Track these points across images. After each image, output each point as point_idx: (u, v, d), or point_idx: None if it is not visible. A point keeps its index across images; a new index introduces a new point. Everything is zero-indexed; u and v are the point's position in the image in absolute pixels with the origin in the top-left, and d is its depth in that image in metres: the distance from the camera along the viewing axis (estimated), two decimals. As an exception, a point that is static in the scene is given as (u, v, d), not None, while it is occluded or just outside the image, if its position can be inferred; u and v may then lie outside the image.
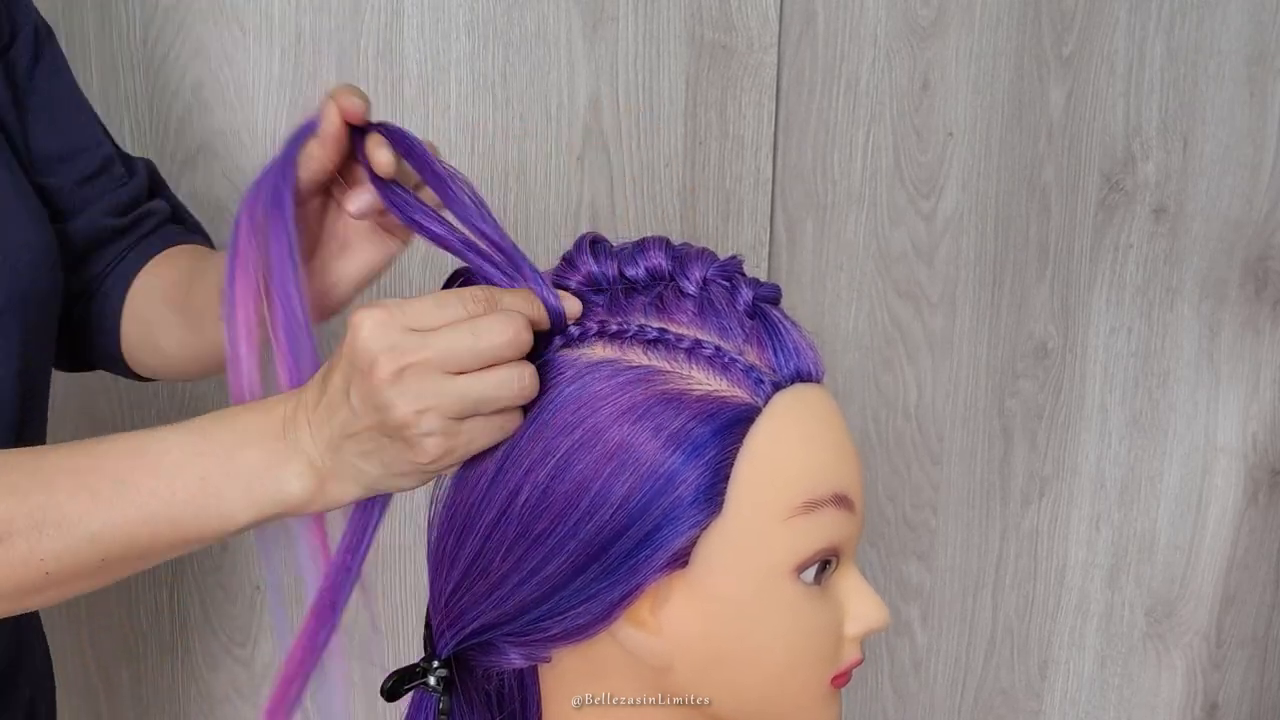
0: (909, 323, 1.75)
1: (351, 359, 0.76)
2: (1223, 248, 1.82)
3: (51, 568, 0.81)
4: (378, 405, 0.76)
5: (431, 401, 0.76)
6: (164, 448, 0.81)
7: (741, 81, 1.61)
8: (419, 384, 0.75)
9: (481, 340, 0.76)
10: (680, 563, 0.77)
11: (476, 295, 0.77)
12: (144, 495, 0.80)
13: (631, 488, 0.76)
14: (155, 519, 0.81)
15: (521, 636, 0.81)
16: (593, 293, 0.82)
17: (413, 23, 1.51)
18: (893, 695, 1.88)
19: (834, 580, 0.82)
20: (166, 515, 0.81)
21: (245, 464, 0.80)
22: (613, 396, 0.77)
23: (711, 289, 0.81)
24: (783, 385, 0.79)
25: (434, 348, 0.75)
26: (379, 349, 0.75)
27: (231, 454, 0.80)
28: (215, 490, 0.80)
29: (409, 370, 0.75)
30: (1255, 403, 1.88)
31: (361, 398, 0.76)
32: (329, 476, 0.80)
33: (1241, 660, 1.98)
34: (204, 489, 0.80)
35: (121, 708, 1.62)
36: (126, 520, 0.81)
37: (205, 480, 0.80)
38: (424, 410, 0.76)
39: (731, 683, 0.80)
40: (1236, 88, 1.78)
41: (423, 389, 0.75)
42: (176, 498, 0.80)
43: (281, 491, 0.80)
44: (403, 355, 0.75)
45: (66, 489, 0.81)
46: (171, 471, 0.80)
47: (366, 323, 0.76)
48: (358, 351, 0.76)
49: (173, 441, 0.81)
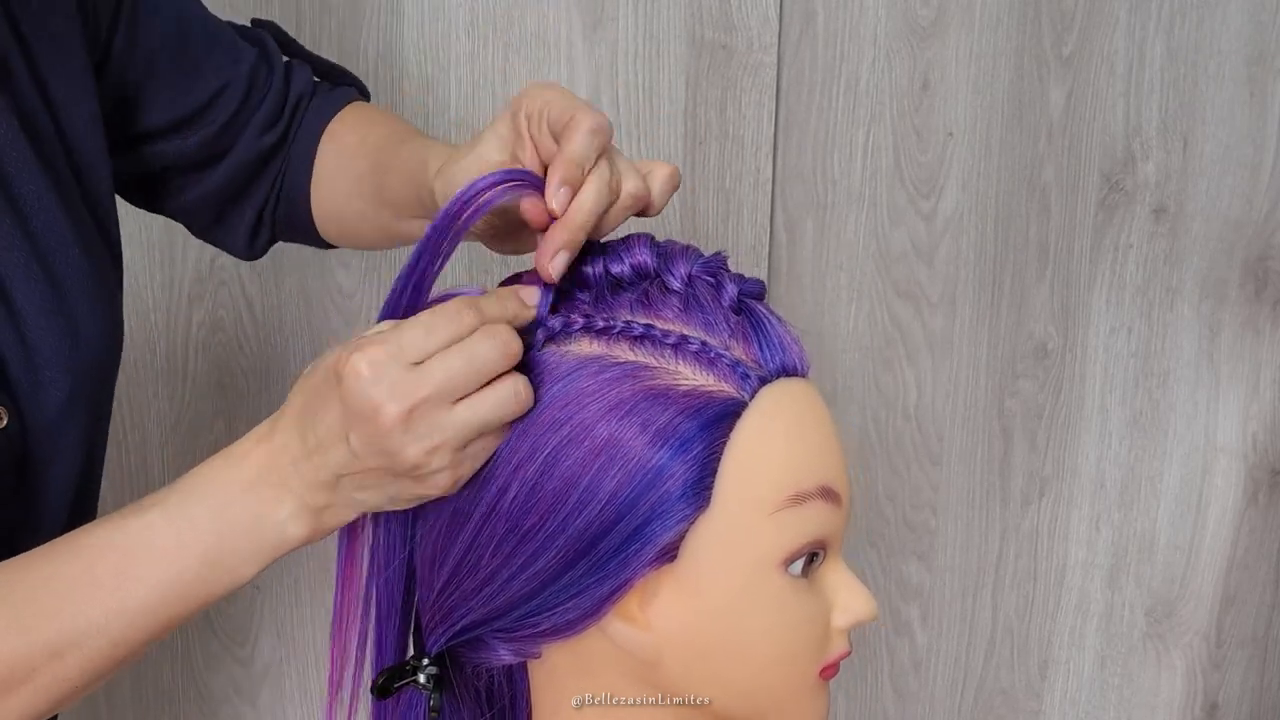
0: (909, 323, 1.75)
1: (350, 404, 0.75)
2: (1223, 248, 1.82)
3: (78, 681, 0.81)
4: (386, 450, 0.76)
5: (439, 438, 0.76)
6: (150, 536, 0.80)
7: (741, 81, 1.61)
8: (427, 423, 0.75)
9: (476, 362, 0.76)
10: (668, 557, 0.78)
11: (462, 311, 0.77)
12: (151, 592, 0.80)
13: (619, 483, 0.76)
14: (166, 604, 0.80)
15: (511, 633, 0.82)
16: (579, 289, 0.83)
17: (413, 23, 1.51)
18: (893, 695, 1.88)
19: (821, 573, 0.82)
20: (177, 599, 0.80)
21: (239, 530, 0.79)
22: (600, 392, 0.77)
23: (696, 285, 0.81)
24: (769, 380, 0.79)
25: (434, 381, 0.75)
26: (381, 395, 0.74)
27: (221, 528, 0.79)
28: (218, 561, 0.80)
29: (416, 411, 0.75)
30: (1255, 403, 1.88)
31: (366, 442, 0.76)
32: (323, 511, 0.80)
33: (1241, 660, 1.97)
34: (207, 565, 0.80)
35: (121, 708, 1.62)
36: (139, 617, 0.80)
37: (205, 558, 0.79)
38: (434, 449, 0.76)
39: (720, 676, 0.80)
40: (1236, 88, 1.77)
41: (430, 427, 0.75)
42: (183, 580, 0.80)
43: (281, 538, 0.80)
44: (406, 396, 0.74)
45: (71, 608, 0.79)
46: (169, 562, 0.79)
47: (363, 368, 0.75)
48: (358, 398, 0.75)
49: (159, 528, 0.80)
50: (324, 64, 1.17)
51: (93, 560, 0.80)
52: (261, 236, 1.16)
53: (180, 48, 1.07)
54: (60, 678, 0.80)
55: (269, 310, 1.55)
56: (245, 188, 1.13)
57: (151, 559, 0.79)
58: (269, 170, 1.13)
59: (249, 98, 1.10)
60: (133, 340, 1.53)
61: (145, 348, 1.54)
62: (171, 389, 1.55)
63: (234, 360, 1.57)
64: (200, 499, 0.80)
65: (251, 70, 1.10)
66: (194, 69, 1.08)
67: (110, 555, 0.80)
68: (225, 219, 1.15)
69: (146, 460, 1.56)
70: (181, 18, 1.08)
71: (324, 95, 1.14)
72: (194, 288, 1.53)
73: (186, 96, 1.07)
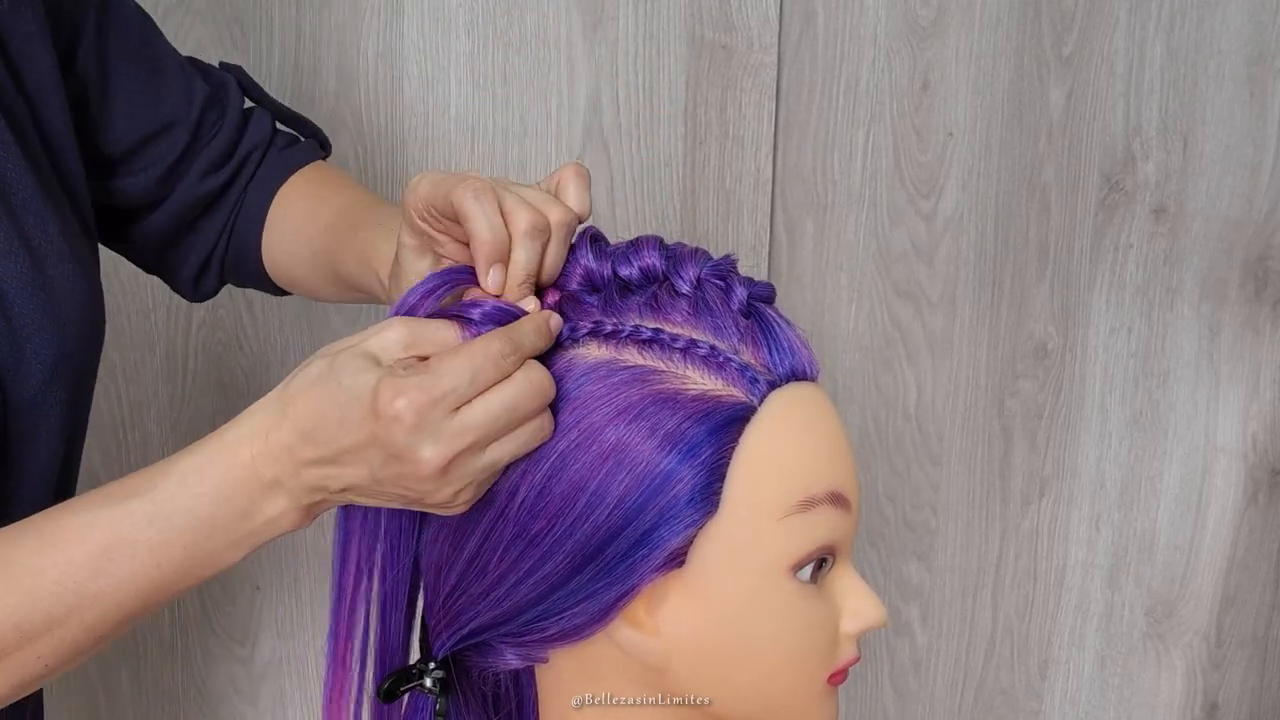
0: (909, 323, 1.75)
1: (387, 446, 0.75)
2: (1223, 248, 1.82)
3: (50, 661, 0.80)
4: (418, 490, 0.76)
5: (472, 479, 0.77)
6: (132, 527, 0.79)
7: (741, 81, 1.61)
8: (463, 469, 0.76)
9: (518, 413, 0.76)
10: (677, 562, 0.77)
11: (506, 356, 0.76)
12: (128, 577, 0.79)
13: (628, 488, 0.76)
14: (145, 592, 0.79)
15: (518, 637, 0.82)
16: (588, 292, 0.82)
17: (413, 23, 1.51)
18: (893, 695, 1.88)
19: (830, 578, 0.82)
20: (156, 587, 0.80)
21: (225, 521, 0.79)
22: (608, 397, 0.77)
23: (706, 288, 0.81)
24: (778, 384, 0.79)
25: (477, 432, 0.75)
26: (422, 444, 0.74)
27: (206, 519, 0.78)
28: (202, 553, 0.79)
29: (456, 460, 0.75)
30: (1255, 403, 1.88)
31: (394, 478, 0.76)
32: (316, 506, 0.80)
33: (1241, 660, 1.98)
34: (189, 556, 0.79)
35: (121, 708, 1.62)
36: (117, 604, 0.79)
37: (189, 549, 0.79)
38: (462, 489, 0.77)
39: (729, 681, 0.80)
40: (1236, 88, 1.77)
41: (465, 472, 0.76)
42: (163, 569, 0.79)
43: (269, 527, 0.80)
44: (449, 448, 0.74)
45: (47, 593, 0.78)
46: (149, 551, 0.78)
47: (408, 415, 0.74)
48: (397, 444, 0.74)
49: (140, 518, 0.78)
50: (287, 113, 1.17)
51: (70, 548, 0.79)
52: (207, 281, 1.16)
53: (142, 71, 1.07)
54: (29, 658, 0.79)
55: (269, 310, 1.55)
56: (186, 233, 1.13)
57: (133, 550, 0.78)
58: (213, 217, 1.13)
59: (197, 138, 1.10)
60: (133, 340, 1.53)
61: (145, 348, 1.53)
62: (171, 389, 1.55)
63: (234, 360, 1.56)
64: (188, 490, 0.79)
65: (204, 108, 1.10)
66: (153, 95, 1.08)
67: (89, 542, 0.79)
68: (166, 261, 1.15)
69: (147, 460, 1.56)
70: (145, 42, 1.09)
71: (281, 150, 1.14)
72: (194, 288, 1.53)
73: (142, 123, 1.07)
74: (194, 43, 1.45)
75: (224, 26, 1.46)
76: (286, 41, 1.48)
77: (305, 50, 1.49)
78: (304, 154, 1.15)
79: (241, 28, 1.47)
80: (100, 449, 1.54)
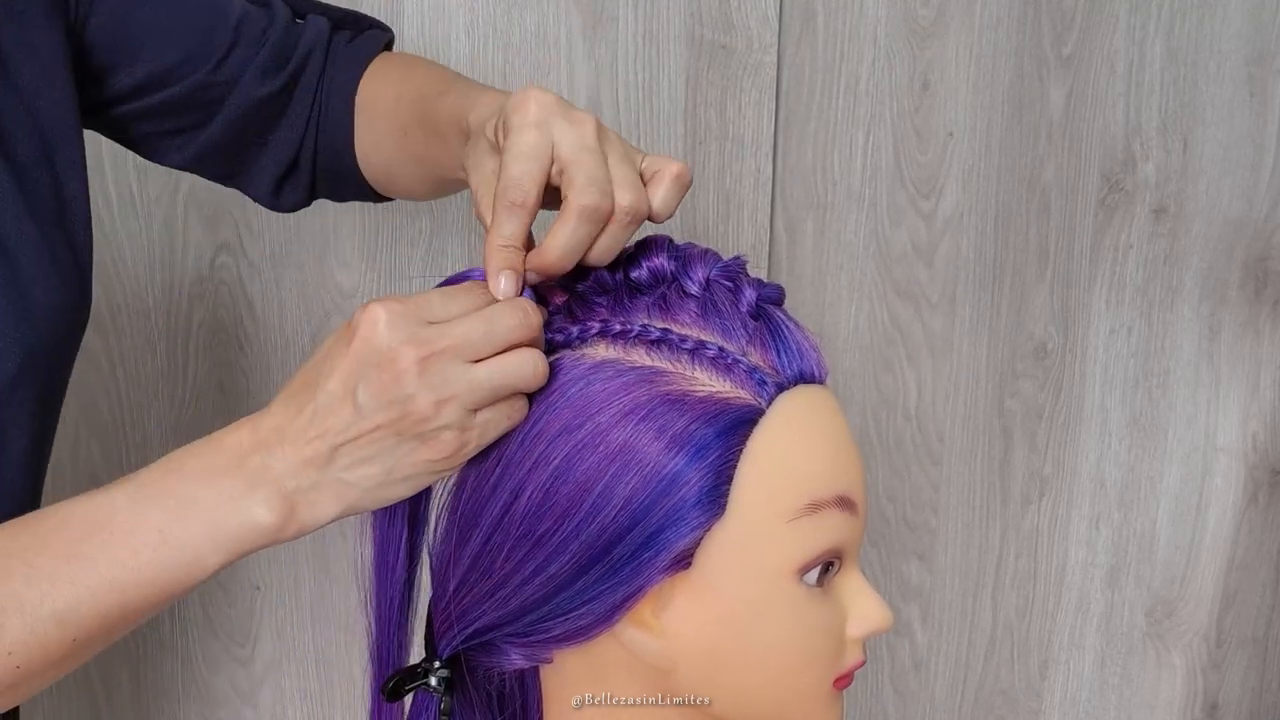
0: (909, 323, 1.75)
1: (365, 356, 0.75)
2: (1223, 248, 1.82)
3: (21, 659, 0.76)
4: (398, 399, 0.75)
5: (452, 390, 0.75)
6: (111, 510, 0.77)
7: (741, 81, 1.61)
8: (441, 374, 0.75)
9: (496, 324, 0.76)
10: (683, 564, 0.77)
11: (475, 287, 0.78)
12: (103, 564, 0.76)
13: (634, 489, 0.76)
14: (120, 584, 0.76)
15: (523, 637, 0.81)
16: (597, 293, 0.82)
17: (413, 23, 1.51)
18: (893, 695, 1.88)
19: (836, 582, 0.82)
20: (132, 578, 0.77)
21: (204, 507, 0.77)
22: (616, 397, 0.77)
23: (715, 290, 0.81)
24: (786, 387, 0.79)
25: (453, 335, 0.75)
26: (399, 341, 0.74)
27: (186, 501, 0.77)
28: (177, 541, 0.77)
29: (432, 359, 0.75)
30: (1255, 403, 1.88)
31: (376, 394, 0.75)
32: (300, 500, 0.78)
33: (1241, 660, 1.98)
34: (165, 542, 0.76)
35: (121, 708, 1.62)
36: (90, 592, 0.76)
37: (164, 533, 0.76)
38: (445, 400, 0.75)
39: (734, 684, 0.80)
40: (1236, 88, 1.78)
41: (445, 379, 0.75)
42: (139, 558, 0.76)
43: (248, 524, 0.77)
44: (424, 345, 0.74)
45: (19, 574, 0.75)
46: (126, 533, 0.76)
47: (382, 317, 0.75)
48: (374, 347, 0.75)
49: (120, 503, 0.77)
50: (340, 12, 1.15)
51: (46, 534, 0.77)
52: (293, 192, 1.15)
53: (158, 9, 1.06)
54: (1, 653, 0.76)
55: (269, 310, 1.55)
56: (258, 140, 1.11)
57: (109, 534, 0.76)
58: (286, 124, 1.11)
59: (237, 45, 1.08)
60: (133, 340, 1.52)
61: (145, 348, 1.53)
62: (171, 389, 1.55)
63: (234, 360, 1.56)
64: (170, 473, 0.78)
65: (240, 18, 1.08)
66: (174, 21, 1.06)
67: (68, 530, 0.77)
68: (241, 171, 1.14)
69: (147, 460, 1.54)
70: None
71: (347, 46, 1.12)
72: (194, 288, 1.53)
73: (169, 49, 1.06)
74: (194, 42, 1.45)
75: (224, 26, 1.46)
76: (287, 41, 1.48)
77: (306, 50, 1.49)
78: (370, 45, 1.13)
79: (242, 27, 1.46)
80: (100, 449, 1.54)
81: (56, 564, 0.76)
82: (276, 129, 1.11)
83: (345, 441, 0.77)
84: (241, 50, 1.08)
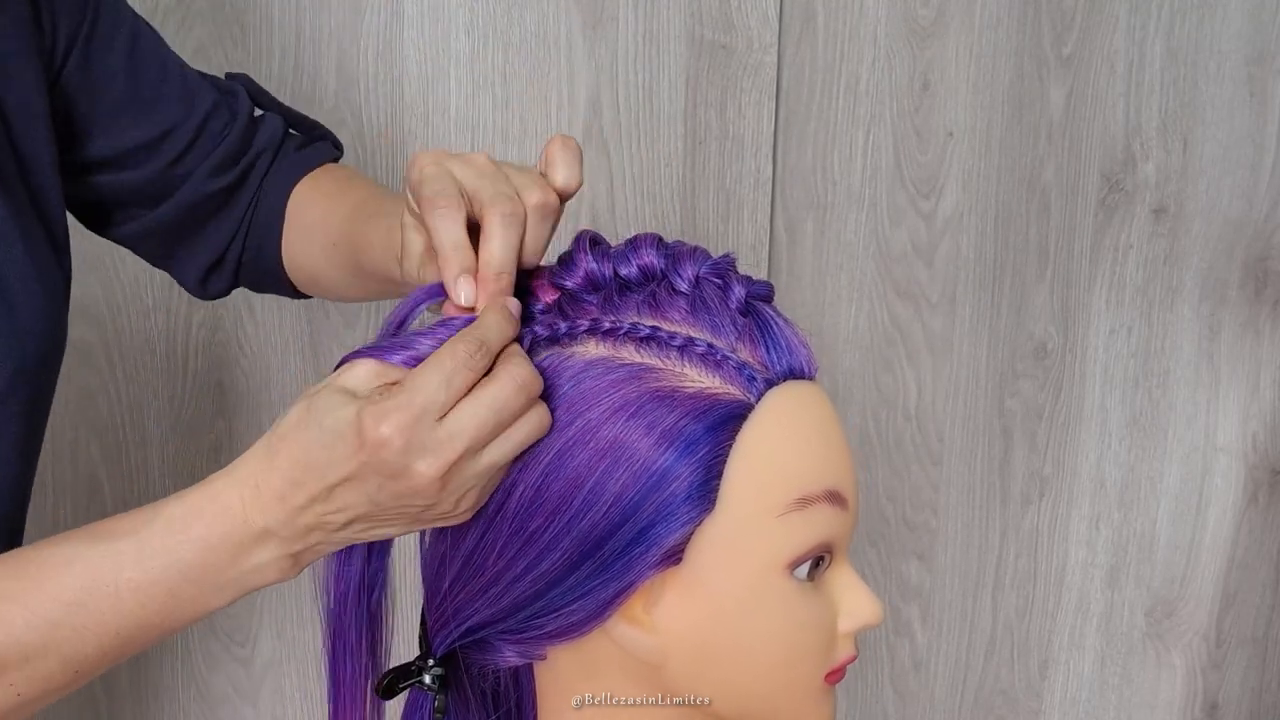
0: (909, 323, 1.75)
1: (378, 467, 0.75)
2: (1223, 248, 1.82)
3: (23, 690, 0.78)
4: (422, 505, 0.76)
5: (473, 483, 0.77)
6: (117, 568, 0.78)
7: (741, 81, 1.61)
8: (460, 476, 0.76)
9: (504, 413, 0.76)
10: (674, 560, 0.77)
11: (474, 355, 0.76)
12: (110, 616, 0.78)
13: (625, 485, 0.76)
14: (127, 631, 0.79)
15: (516, 634, 0.82)
16: (588, 291, 0.83)
17: (413, 23, 1.51)
18: (893, 695, 1.88)
19: (827, 577, 0.82)
20: (140, 626, 0.79)
21: (212, 571, 0.78)
22: (606, 394, 0.77)
23: (704, 287, 0.81)
24: (775, 382, 0.79)
25: (467, 438, 0.75)
26: (415, 462, 0.74)
27: (193, 566, 0.78)
28: (188, 598, 0.79)
29: (452, 470, 0.75)
30: (1255, 403, 1.88)
31: (394, 496, 0.76)
32: (307, 555, 0.79)
33: (1241, 660, 1.98)
34: (173, 598, 0.78)
35: (121, 708, 1.62)
36: (97, 641, 0.78)
37: (173, 592, 0.78)
38: (465, 496, 0.77)
39: (726, 679, 0.80)
40: (1236, 88, 1.78)
41: (464, 479, 0.76)
42: (146, 610, 0.78)
43: (256, 576, 0.79)
44: (439, 457, 0.74)
45: (23, 623, 0.77)
46: (133, 591, 0.78)
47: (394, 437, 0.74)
48: (390, 466, 0.74)
49: (127, 563, 0.78)
50: (297, 117, 1.18)
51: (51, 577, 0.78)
52: (218, 281, 1.16)
53: (133, 82, 1.07)
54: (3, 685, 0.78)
55: (269, 310, 1.55)
56: (196, 231, 1.13)
57: (116, 590, 0.78)
58: (224, 217, 1.13)
59: (198, 140, 1.10)
60: (133, 340, 1.53)
61: (145, 348, 1.54)
62: (171, 389, 1.55)
63: (234, 360, 1.57)
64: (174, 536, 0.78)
65: (207, 115, 1.10)
66: (145, 105, 1.08)
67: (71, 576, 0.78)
68: (173, 256, 1.15)
69: (147, 460, 1.56)
70: (137, 53, 1.08)
71: (295, 152, 1.14)
72: (194, 288, 1.53)
73: (133, 130, 1.07)
74: (194, 43, 1.45)
75: (224, 26, 1.46)
76: (286, 41, 1.48)
77: (305, 50, 1.49)
78: (317, 154, 1.15)
79: (241, 27, 1.47)
80: (100, 449, 1.54)
81: (61, 617, 0.78)
82: (215, 221, 1.13)
83: (358, 518, 0.78)
84: (201, 145, 1.10)
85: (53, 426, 1.13)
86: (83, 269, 1.49)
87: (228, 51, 1.47)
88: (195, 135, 1.10)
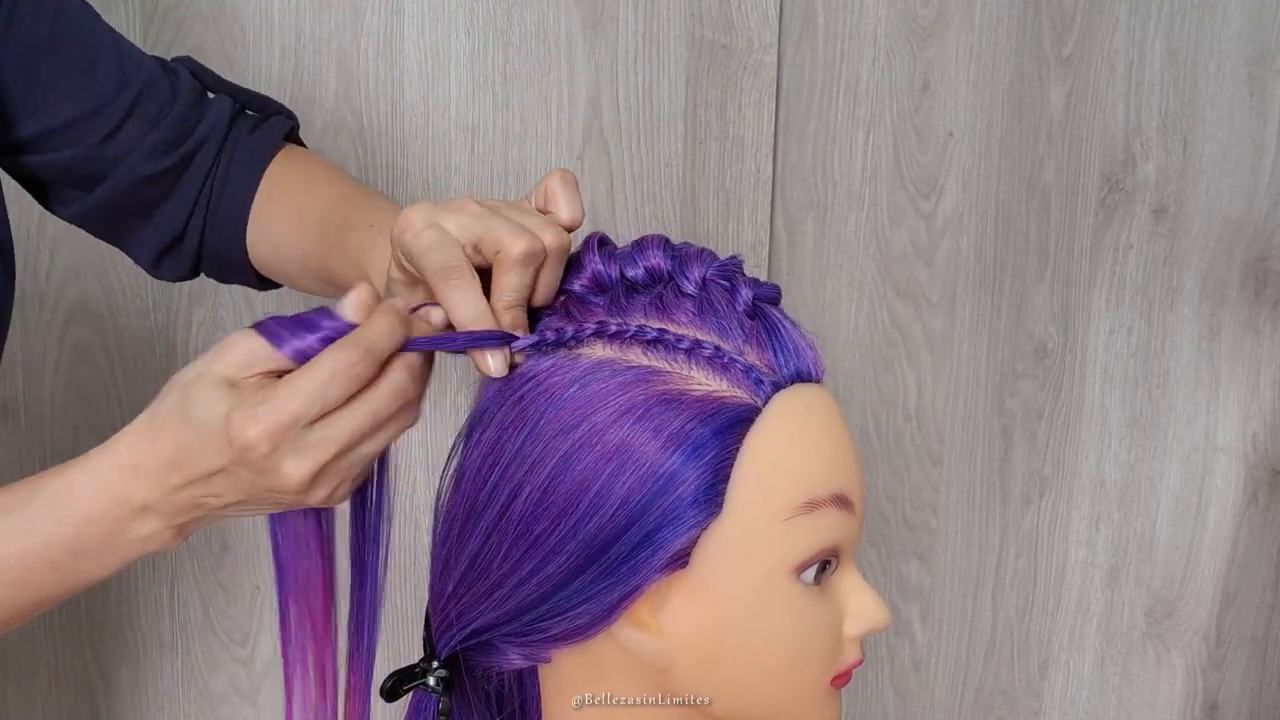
0: (909, 323, 1.75)
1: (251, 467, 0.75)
2: (1223, 248, 1.82)
3: None
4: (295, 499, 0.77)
5: (343, 477, 0.78)
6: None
7: (741, 81, 1.61)
8: (331, 474, 0.77)
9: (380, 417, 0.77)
10: (680, 563, 0.77)
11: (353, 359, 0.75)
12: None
13: (631, 488, 0.76)
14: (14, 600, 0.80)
15: (521, 637, 0.81)
16: (595, 293, 0.82)
17: (413, 23, 1.51)
18: (893, 695, 1.88)
19: (834, 580, 0.82)
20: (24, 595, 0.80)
21: (91, 543, 0.79)
22: (612, 397, 0.77)
23: (711, 289, 0.81)
24: (782, 385, 0.79)
25: (339, 441, 0.76)
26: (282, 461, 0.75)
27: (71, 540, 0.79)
28: (70, 568, 0.80)
29: (323, 471, 0.76)
30: (1255, 403, 1.88)
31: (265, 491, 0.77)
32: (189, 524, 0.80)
33: (1241, 660, 1.98)
34: (57, 571, 0.80)
35: (121, 708, 1.62)
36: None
37: (56, 565, 0.79)
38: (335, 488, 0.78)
39: (731, 683, 0.80)
40: (1236, 88, 1.78)
41: (334, 476, 0.77)
42: (29, 583, 0.80)
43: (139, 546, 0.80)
44: (309, 459, 0.75)
45: None
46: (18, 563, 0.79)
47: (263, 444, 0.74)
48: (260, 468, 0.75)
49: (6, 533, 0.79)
50: (247, 95, 1.15)
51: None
52: (172, 265, 1.14)
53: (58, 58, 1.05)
54: None
55: (268, 310, 1.55)
56: (140, 213, 1.11)
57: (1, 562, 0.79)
58: (173, 202, 1.11)
59: (130, 119, 1.07)
60: (132, 340, 1.52)
61: (145, 348, 1.53)
62: (171, 389, 1.55)
63: (234, 360, 1.56)
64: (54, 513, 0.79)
65: (140, 92, 1.08)
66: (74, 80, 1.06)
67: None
68: (120, 237, 1.14)
69: (146, 461, 1.56)
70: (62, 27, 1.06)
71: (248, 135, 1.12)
72: (194, 288, 1.53)
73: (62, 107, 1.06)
74: (194, 42, 1.45)
75: (224, 26, 1.46)
76: (286, 41, 1.48)
77: (305, 50, 1.49)
78: (271, 134, 1.12)
79: (241, 28, 1.47)
80: (100, 449, 1.54)
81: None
82: (162, 205, 1.11)
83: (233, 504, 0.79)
84: (134, 125, 1.08)
85: (53, 426, 1.13)
86: (82, 269, 1.49)
87: (228, 52, 1.46)
88: (127, 113, 1.07)
